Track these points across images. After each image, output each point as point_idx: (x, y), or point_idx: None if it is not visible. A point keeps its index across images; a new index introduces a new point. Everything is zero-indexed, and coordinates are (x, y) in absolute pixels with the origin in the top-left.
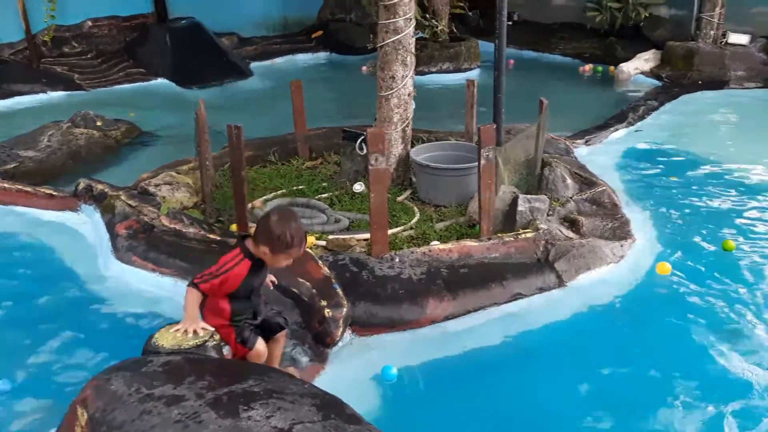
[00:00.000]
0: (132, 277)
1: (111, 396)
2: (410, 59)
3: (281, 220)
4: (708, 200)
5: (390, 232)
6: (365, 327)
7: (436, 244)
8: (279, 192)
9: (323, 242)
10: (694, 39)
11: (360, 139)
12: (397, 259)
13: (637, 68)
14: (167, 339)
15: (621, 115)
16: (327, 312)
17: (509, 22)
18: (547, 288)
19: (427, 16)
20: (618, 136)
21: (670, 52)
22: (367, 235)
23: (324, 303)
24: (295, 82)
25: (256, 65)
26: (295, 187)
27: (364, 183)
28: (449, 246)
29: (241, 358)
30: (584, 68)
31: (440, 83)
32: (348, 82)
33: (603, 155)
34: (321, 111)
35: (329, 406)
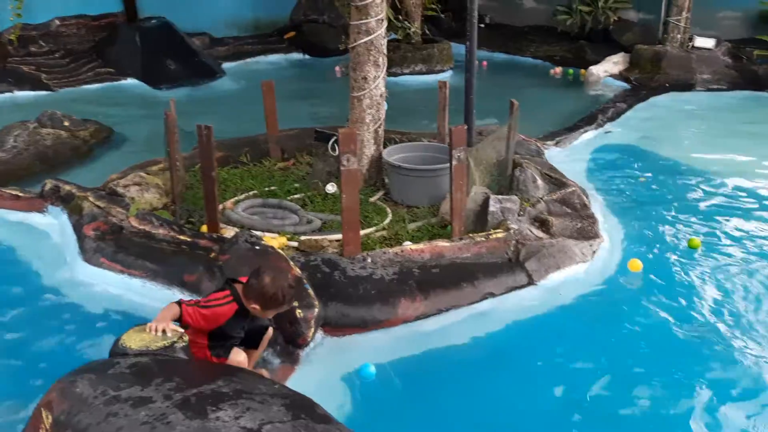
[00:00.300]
0: (100, 279)
1: (76, 398)
2: (382, 60)
3: (274, 282)
4: (675, 200)
5: (362, 232)
6: (337, 327)
7: (408, 245)
8: (251, 193)
9: (295, 243)
10: (662, 43)
11: (332, 139)
12: (369, 260)
13: (607, 71)
14: (135, 341)
15: (591, 116)
16: (298, 312)
17: (481, 25)
18: (518, 287)
19: (400, 17)
20: (588, 138)
21: (638, 56)
22: (340, 236)
23: (295, 303)
24: (267, 82)
25: (227, 66)
26: (266, 188)
27: (336, 184)
28: (421, 246)
29: None
30: (555, 70)
31: (413, 85)
32: (321, 83)
33: (573, 156)
34: (293, 112)
35: (299, 406)
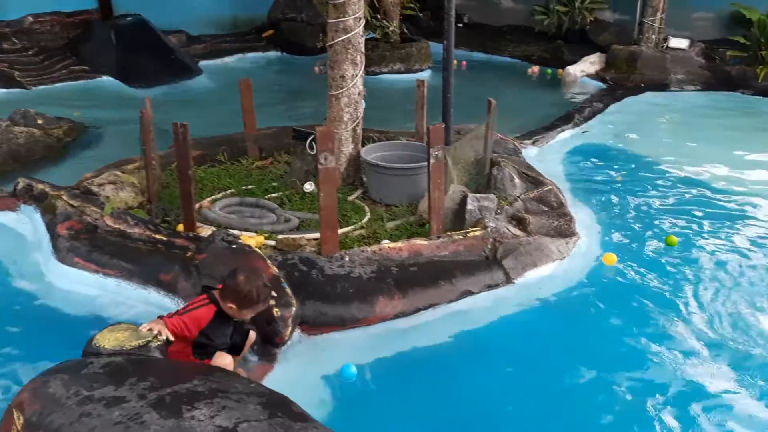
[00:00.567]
0: (73, 279)
1: (49, 399)
2: (360, 58)
3: (248, 280)
4: (651, 198)
5: (340, 231)
6: (315, 326)
7: (386, 243)
8: (228, 192)
9: (273, 242)
10: (637, 43)
11: (310, 138)
12: (347, 258)
13: (583, 71)
14: (109, 340)
15: (567, 116)
16: (276, 311)
17: (459, 24)
18: (495, 285)
19: (378, 16)
20: (564, 137)
21: (614, 56)
22: (317, 235)
23: (272, 302)
24: (244, 81)
25: (205, 64)
26: (244, 187)
27: (314, 182)
28: (399, 245)
29: None
30: (532, 70)
31: (391, 83)
32: (299, 82)
33: (550, 155)
34: (271, 110)
35: (276, 404)
